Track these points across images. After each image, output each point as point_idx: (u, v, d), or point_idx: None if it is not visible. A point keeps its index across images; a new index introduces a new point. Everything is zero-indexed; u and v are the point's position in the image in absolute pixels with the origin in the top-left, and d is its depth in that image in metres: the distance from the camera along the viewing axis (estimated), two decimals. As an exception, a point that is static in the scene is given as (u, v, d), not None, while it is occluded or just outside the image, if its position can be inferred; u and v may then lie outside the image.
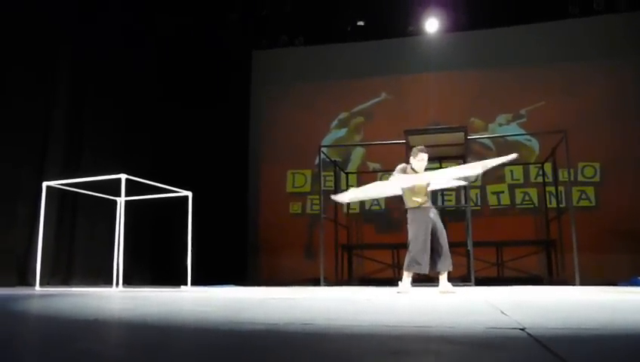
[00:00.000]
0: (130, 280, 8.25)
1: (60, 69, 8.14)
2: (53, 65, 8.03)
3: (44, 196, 6.89)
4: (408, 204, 5.23)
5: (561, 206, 9.02)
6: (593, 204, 9.76)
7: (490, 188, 10.34)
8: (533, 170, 10.12)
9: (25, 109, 7.48)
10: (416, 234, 5.05)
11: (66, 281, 7.86)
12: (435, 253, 5.05)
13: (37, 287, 6.52)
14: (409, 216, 5.22)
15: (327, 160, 9.66)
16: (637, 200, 9.34)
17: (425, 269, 5.03)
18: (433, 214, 5.16)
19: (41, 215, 6.86)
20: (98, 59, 8.76)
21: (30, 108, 7.58)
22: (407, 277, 5.12)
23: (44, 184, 6.96)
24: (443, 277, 5.06)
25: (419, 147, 5.29)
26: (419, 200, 5.16)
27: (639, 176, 9.50)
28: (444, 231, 5.13)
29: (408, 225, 5.21)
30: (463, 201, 7.45)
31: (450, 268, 5.06)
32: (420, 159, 5.19)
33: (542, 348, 1.41)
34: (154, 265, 9.55)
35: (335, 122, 11.16)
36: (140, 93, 9.62)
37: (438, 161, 9.57)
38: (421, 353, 1.38)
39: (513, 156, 4.78)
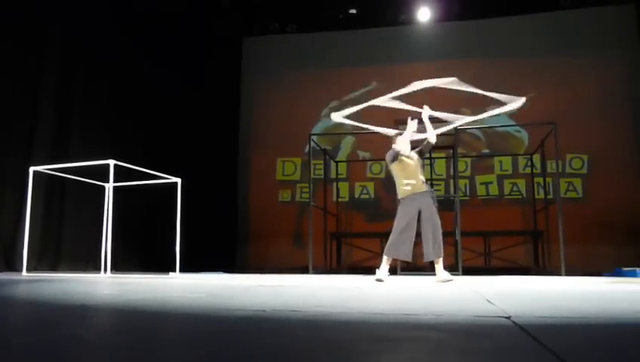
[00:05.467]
0: (118, 266, 8.22)
1: (49, 53, 8.02)
2: (43, 49, 7.91)
3: (31, 181, 6.83)
4: (399, 193, 5.22)
5: (548, 197, 9.09)
6: (580, 195, 9.85)
7: (479, 179, 10.40)
8: (522, 161, 10.18)
9: (12, 92, 7.37)
10: (399, 222, 5.07)
11: (53, 267, 7.81)
12: (423, 240, 5.05)
13: (24, 273, 6.48)
14: (399, 207, 5.21)
15: (317, 148, 9.65)
16: (623, 193, 9.45)
17: (406, 256, 5.04)
18: (427, 202, 5.06)
19: (28, 200, 6.80)
20: (87, 43, 8.65)
21: (18, 91, 7.47)
22: (385, 263, 5.08)
23: (32, 169, 6.88)
24: (439, 266, 4.98)
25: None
26: (409, 188, 5.14)
27: (626, 168, 9.60)
28: (434, 218, 5.02)
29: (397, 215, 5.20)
30: (452, 191, 7.48)
31: (436, 257, 4.98)
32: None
33: (527, 335, 1.43)
34: (143, 252, 9.52)
35: (326, 110, 11.12)
36: (130, 79, 9.52)
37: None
38: (407, 340, 1.40)
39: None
